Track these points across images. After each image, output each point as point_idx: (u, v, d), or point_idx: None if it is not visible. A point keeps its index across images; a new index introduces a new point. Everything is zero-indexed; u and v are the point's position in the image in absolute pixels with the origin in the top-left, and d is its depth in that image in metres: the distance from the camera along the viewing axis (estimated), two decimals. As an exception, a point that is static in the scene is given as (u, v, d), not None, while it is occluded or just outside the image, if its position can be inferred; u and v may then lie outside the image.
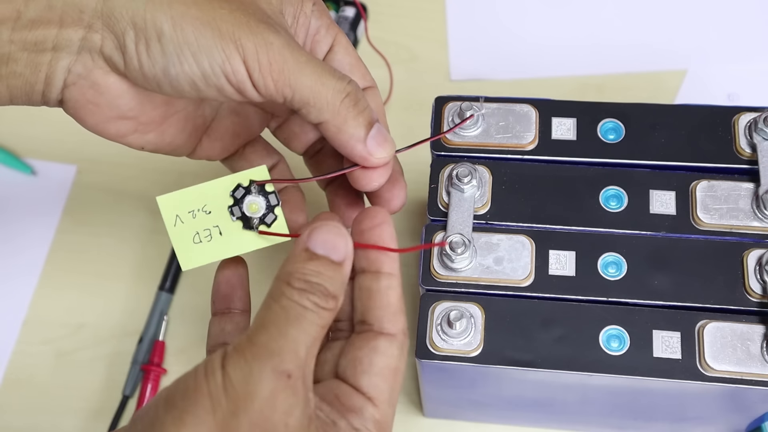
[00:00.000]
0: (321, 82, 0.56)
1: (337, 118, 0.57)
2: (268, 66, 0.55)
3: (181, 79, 0.56)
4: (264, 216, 0.60)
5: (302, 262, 0.53)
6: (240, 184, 0.60)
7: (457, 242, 0.61)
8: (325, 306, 0.52)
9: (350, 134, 0.58)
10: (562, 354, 0.61)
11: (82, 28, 0.55)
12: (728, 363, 0.59)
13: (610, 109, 0.67)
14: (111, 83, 0.57)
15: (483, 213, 0.65)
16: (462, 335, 0.61)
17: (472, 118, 0.65)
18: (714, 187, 0.64)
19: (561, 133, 0.66)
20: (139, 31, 0.54)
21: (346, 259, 0.54)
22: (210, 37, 0.54)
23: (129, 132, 0.61)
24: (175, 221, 0.60)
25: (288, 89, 0.56)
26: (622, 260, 0.63)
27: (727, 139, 0.65)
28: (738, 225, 0.63)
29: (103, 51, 0.56)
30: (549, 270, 0.63)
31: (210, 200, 0.60)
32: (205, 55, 0.55)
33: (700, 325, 0.60)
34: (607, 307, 0.62)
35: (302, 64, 0.56)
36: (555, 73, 0.98)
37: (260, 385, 0.49)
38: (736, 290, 0.61)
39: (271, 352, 0.50)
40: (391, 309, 0.55)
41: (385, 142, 0.59)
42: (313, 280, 0.52)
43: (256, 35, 0.55)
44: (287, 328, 0.51)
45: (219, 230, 0.60)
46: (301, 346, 0.50)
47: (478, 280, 0.63)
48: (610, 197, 0.64)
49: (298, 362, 0.50)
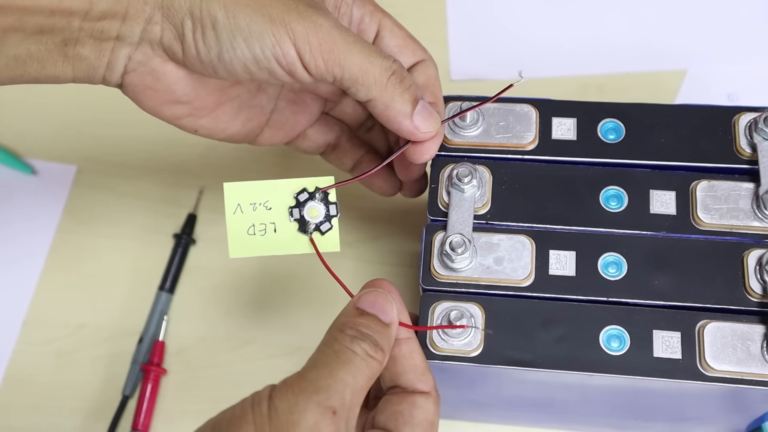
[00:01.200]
0: (369, 60, 0.60)
1: (384, 95, 0.61)
2: (318, 46, 0.59)
3: (235, 63, 0.59)
4: (320, 223, 0.63)
5: (353, 317, 0.57)
6: (306, 188, 0.63)
7: (458, 242, 0.61)
8: (373, 355, 0.55)
9: (397, 110, 0.62)
10: (562, 354, 0.60)
11: (144, 21, 0.59)
12: (728, 363, 0.59)
13: (611, 109, 0.67)
14: (168, 70, 0.61)
15: (483, 213, 0.64)
16: (462, 335, 0.60)
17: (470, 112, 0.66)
18: (714, 187, 0.64)
19: (561, 133, 0.66)
20: (196, 20, 0.58)
21: (393, 322, 0.57)
22: (261, 22, 0.58)
23: (183, 115, 0.65)
24: (235, 209, 0.63)
25: (338, 68, 0.60)
26: (622, 260, 0.63)
27: (728, 139, 0.65)
28: (738, 225, 0.63)
29: (162, 42, 0.60)
30: (549, 270, 0.63)
31: (273, 197, 0.62)
32: (256, 40, 0.58)
33: (701, 325, 0.60)
34: (608, 307, 0.62)
35: (350, 44, 0.59)
36: (555, 73, 0.98)
37: (305, 416, 0.51)
38: (737, 290, 0.61)
39: (319, 388, 0.52)
40: (419, 370, 0.59)
41: (431, 116, 0.63)
42: (363, 330, 0.56)
43: (305, 18, 0.58)
44: (337, 369, 0.53)
45: (274, 227, 0.63)
46: (348, 389, 0.53)
47: (479, 280, 0.63)
48: (610, 197, 0.64)
49: (344, 403, 0.52)
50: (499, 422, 0.80)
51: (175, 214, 0.92)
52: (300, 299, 0.88)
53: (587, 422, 0.75)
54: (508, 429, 0.80)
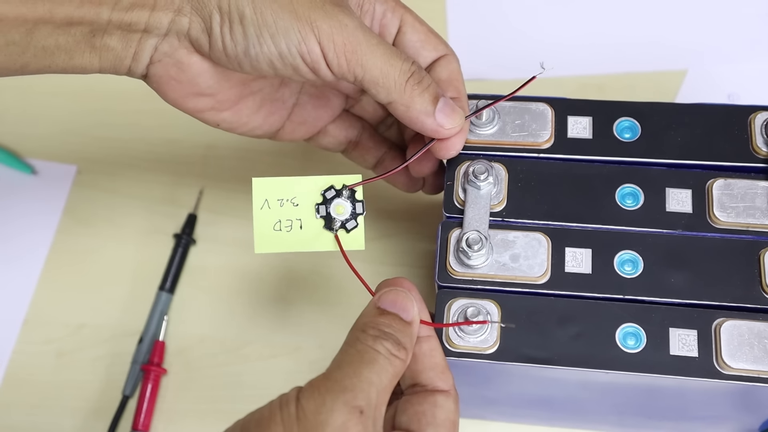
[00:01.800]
0: (390, 63, 0.61)
1: (404, 97, 0.62)
2: (342, 46, 0.59)
3: (260, 58, 0.60)
4: (347, 221, 0.63)
5: (375, 317, 0.57)
6: (333, 185, 0.63)
7: (474, 239, 0.61)
8: (396, 354, 0.55)
9: (419, 110, 0.62)
10: (578, 351, 0.60)
11: (172, 11, 0.60)
12: (745, 361, 0.59)
13: (626, 108, 0.67)
14: (193, 62, 0.62)
15: (499, 210, 0.64)
16: (478, 332, 0.60)
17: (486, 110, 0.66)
18: (730, 185, 0.64)
19: (577, 132, 0.66)
20: (224, 14, 0.59)
21: (415, 320, 0.58)
22: (287, 19, 0.59)
23: (206, 108, 0.66)
24: (262, 205, 0.63)
25: (359, 68, 0.60)
26: (638, 258, 0.62)
27: (744, 137, 0.65)
28: (754, 223, 0.63)
29: (189, 33, 0.60)
30: (565, 267, 0.63)
31: (300, 194, 0.63)
32: (282, 37, 0.59)
33: (717, 323, 0.60)
34: (624, 304, 0.62)
35: (374, 46, 0.60)
36: (555, 73, 0.97)
37: (332, 416, 0.51)
38: (753, 288, 0.61)
39: (345, 388, 0.52)
40: (439, 368, 0.59)
41: (453, 112, 0.63)
42: (385, 329, 0.56)
43: (331, 17, 0.59)
44: (361, 368, 0.54)
45: (300, 224, 0.63)
46: (373, 388, 0.53)
47: (495, 277, 0.62)
48: (626, 195, 0.64)
49: (370, 402, 0.52)
50: (508, 420, 0.79)
51: (175, 214, 0.91)
52: (300, 299, 0.88)
53: (600, 421, 0.75)
54: (511, 428, 0.80)
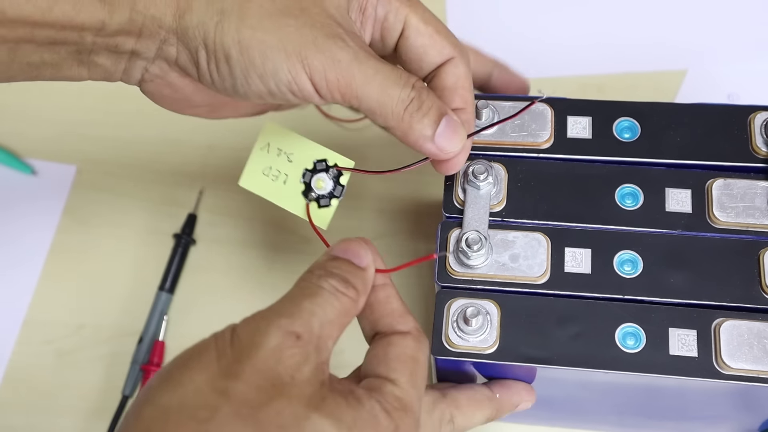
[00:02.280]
0: (387, 93, 0.59)
1: (402, 125, 0.60)
2: (335, 82, 0.58)
3: (250, 94, 0.59)
4: (321, 197, 0.63)
5: (324, 261, 0.56)
6: (326, 160, 0.63)
7: (474, 239, 0.61)
8: (343, 291, 0.54)
9: (417, 136, 0.60)
10: (578, 351, 0.60)
11: (159, 41, 0.59)
12: (745, 361, 0.59)
13: (626, 108, 0.67)
14: (186, 84, 0.62)
15: (499, 210, 0.64)
16: (478, 332, 0.60)
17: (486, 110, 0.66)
18: (730, 185, 0.64)
19: (576, 132, 0.66)
20: (210, 52, 0.58)
21: (369, 266, 0.56)
22: (276, 59, 0.57)
23: (204, 113, 0.67)
24: (264, 146, 0.64)
25: (355, 100, 0.59)
26: (638, 258, 0.63)
27: (743, 137, 0.65)
28: (754, 223, 0.63)
29: (178, 62, 0.60)
30: (565, 267, 0.63)
31: (298, 153, 0.64)
32: (271, 77, 0.58)
33: (717, 323, 0.60)
34: (623, 304, 0.62)
35: (369, 78, 0.58)
36: (555, 73, 0.98)
37: (266, 338, 0.50)
38: (753, 288, 0.61)
39: (280, 314, 0.51)
40: (397, 313, 0.57)
41: (454, 134, 0.61)
42: (333, 270, 0.55)
43: (323, 53, 0.57)
44: (301, 299, 0.53)
45: (285, 179, 0.64)
46: (315, 318, 0.52)
47: (494, 277, 0.62)
48: (626, 195, 0.64)
49: (310, 329, 0.51)
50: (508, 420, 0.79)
51: (175, 214, 0.91)
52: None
53: (599, 421, 0.75)
54: (511, 428, 0.81)
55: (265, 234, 0.91)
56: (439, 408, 0.61)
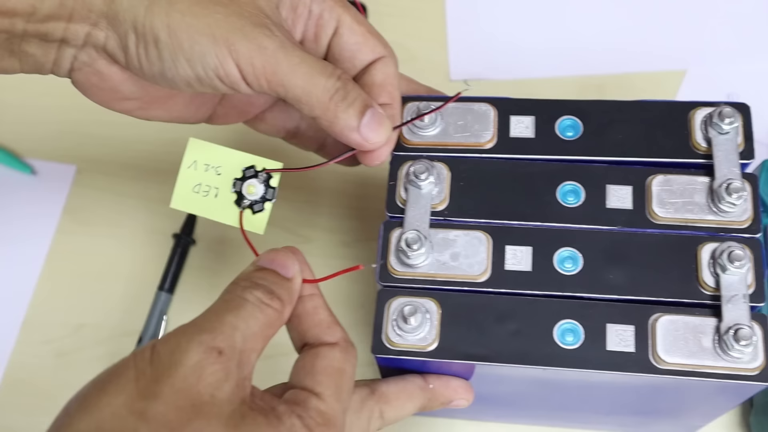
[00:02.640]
0: (312, 82, 0.60)
1: (327, 114, 0.61)
2: (261, 69, 0.58)
3: (177, 80, 0.60)
4: (255, 203, 0.64)
5: (250, 272, 0.57)
6: (254, 166, 0.64)
7: (413, 238, 0.62)
8: (268, 302, 0.55)
9: (342, 126, 0.61)
10: (516, 348, 0.61)
11: (89, 24, 0.59)
12: (680, 356, 0.60)
13: (568, 107, 0.67)
14: (114, 72, 0.62)
15: (441, 209, 0.65)
16: (417, 330, 0.61)
17: (430, 114, 0.66)
18: (670, 181, 0.64)
19: (519, 131, 0.67)
20: (139, 36, 0.58)
21: (296, 276, 0.57)
22: (204, 43, 0.58)
23: (134, 109, 0.66)
24: (191, 164, 0.64)
25: (281, 88, 0.60)
26: (578, 255, 0.63)
27: (684, 134, 0.65)
28: (693, 219, 0.63)
29: (106, 47, 0.60)
30: (505, 265, 0.63)
31: (225, 165, 0.64)
32: (198, 61, 0.58)
33: (654, 318, 0.61)
34: (563, 301, 0.62)
35: (295, 66, 0.59)
36: (555, 73, 0.98)
37: (186, 355, 0.50)
38: (690, 284, 0.62)
39: (202, 329, 0.51)
40: (324, 324, 0.58)
41: (380, 126, 0.62)
42: (258, 281, 0.56)
43: (250, 40, 0.58)
44: (224, 313, 0.53)
45: (216, 193, 0.64)
46: (238, 333, 0.52)
47: (435, 276, 0.63)
48: (567, 193, 0.65)
49: (232, 344, 0.51)
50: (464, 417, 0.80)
51: (175, 214, 0.93)
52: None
53: (551, 417, 0.76)
54: (511, 428, 0.81)
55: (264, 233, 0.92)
56: (368, 406, 0.62)
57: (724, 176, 0.62)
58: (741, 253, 0.60)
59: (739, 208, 0.63)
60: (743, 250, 0.60)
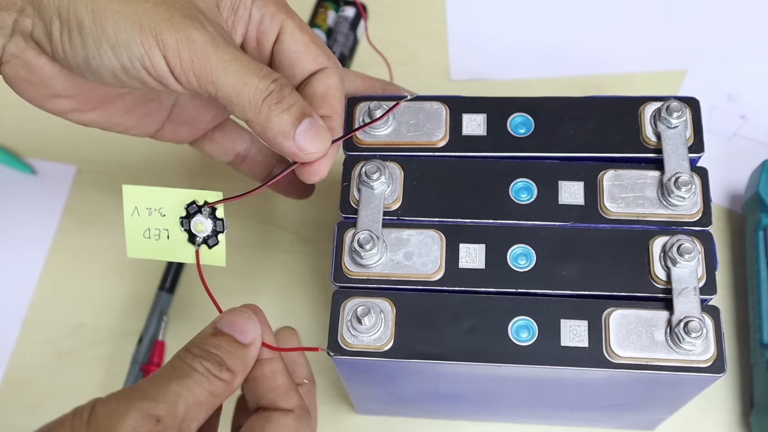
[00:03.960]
0: (243, 81, 0.57)
1: (259, 117, 0.58)
2: (189, 63, 0.56)
3: (102, 70, 0.58)
4: (208, 237, 0.62)
5: (206, 336, 0.56)
6: (195, 201, 0.62)
7: (365, 239, 0.62)
8: (218, 375, 0.54)
9: (276, 132, 0.59)
10: (471, 346, 0.61)
11: (15, 11, 0.57)
12: (633, 349, 0.60)
13: (520, 104, 0.67)
14: (42, 64, 0.59)
15: (395, 209, 0.65)
16: (371, 330, 0.61)
17: (383, 118, 0.66)
18: (620, 176, 0.64)
19: (471, 129, 0.67)
20: (63, 22, 0.56)
21: (253, 343, 0.56)
22: (130, 31, 0.55)
23: (68, 110, 0.63)
24: (132, 212, 0.63)
25: (211, 86, 0.57)
26: (531, 252, 0.63)
27: (634, 129, 0.65)
28: (644, 213, 0.63)
29: (33, 35, 0.58)
30: (459, 263, 0.63)
31: (167, 205, 0.62)
32: (123, 49, 0.56)
33: (607, 313, 0.61)
34: (517, 298, 0.62)
35: (225, 63, 0.57)
36: (555, 73, 0.98)
37: (123, 421, 0.50)
38: (642, 277, 0.62)
39: (144, 395, 0.51)
40: (281, 389, 0.58)
41: (317, 136, 0.60)
42: (211, 350, 0.55)
43: (178, 31, 0.56)
44: (171, 381, 0.52)
45: (167, 234, 0.63)
46: (181, 401, 0.52)
47: (389, 276, 0.63)
48: (520, 189, 0.65)
49: (173, 413, 0.51)
50: (428, 416, 0.81)
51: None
52: (299, 301, 0.89)
53: (514, 414, 0.76)
54: (511, 428, 0.82)
55: (264, 234, 0.93)
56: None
57: (673, 170, 0.63)
58: (690, 246, 0.60)
59: (689, 201, 0.63)
60: (693, 243, 0.61)
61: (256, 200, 0.93)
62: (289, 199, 0.78)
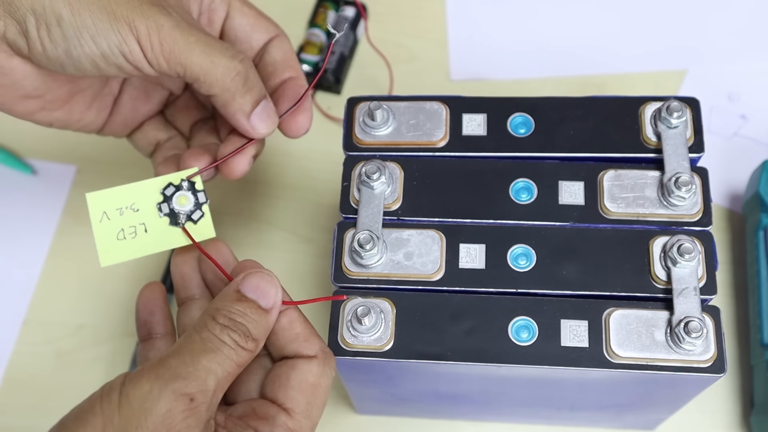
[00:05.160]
0: (211, 60, 0.61)
1: (225, 93, 0.62)
2: (159, 46, 0.59)
3: (83, 59, 0.59)
4: (191, 212, 0.63)
5: (231, 302, 0.56)
6: (171, 182, 0.63)
7: (365, 239, 0.62)
8: (244, 346, 0.55)
9: (236, 109, 0.63)
10: (471, 346, 0.61)
11: None
12: (633, 349, 0.60)
13: (520, 104, 0.67)
14: (15, 65, 0.61)
15: (395, 209, 0.65)
16: (371, 331, 0.61)
17: (379, 111, 0.66)
18: (621, 176, 0.64)
19: (471, 129, 0.67)
20: (39, 17, 0.58)
21: (274, 307, 0.57)
22: (106, 20, 0.58)
23: (36, 110, 0.65)
24: (101, 218, 0.63)
25: (180, 67, 0.61)
26: (531, 252, 0.63)
27: (634, 129, 0.65)
28: (644, 213, 0.63)
29: (6, 36, 0.59)
30: (459, 264, 0.63)
31: (139, 199, 0.63)
32: (103, 37, 0.58)
33: (607, 313, 0.61)
34: (517, 298, 0.62)
35: (192, 44, 0.60)
36: (555, 73, 0.98)
37: (158, 404, 0.50)
38: (642, 278, 0.62)
39: (177, 375, 0.51)
40: (301, 338, 0.59)
41: (269, 118, 0.65)
42: (237, 319, 0.55)
43: (148, 18, 0.59)
44: (201, 357, 0.53)
45: (144, 227, 0.63)
46: (211, 377, 0.52)
47: (389, 276, 0.63)
48: (520, 189, 0.65)
49: (205, 390, 0.52)
50: (428, 416, 0.81)
51: (174, 214, 0.92)
52: (299, 298, 0.88)
53: (514, 414, 0.76)
54: (510, 428, 0.82)
55: (264, 233, 0.93)
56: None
57: (674, 170, 0.63)
58: (691, 246, 0.60)
59: (689, 201, 0.63)
60: (693, 243, 0.61)
61: (256, 200, 0.92)
62: (289, 199, 0.78)
